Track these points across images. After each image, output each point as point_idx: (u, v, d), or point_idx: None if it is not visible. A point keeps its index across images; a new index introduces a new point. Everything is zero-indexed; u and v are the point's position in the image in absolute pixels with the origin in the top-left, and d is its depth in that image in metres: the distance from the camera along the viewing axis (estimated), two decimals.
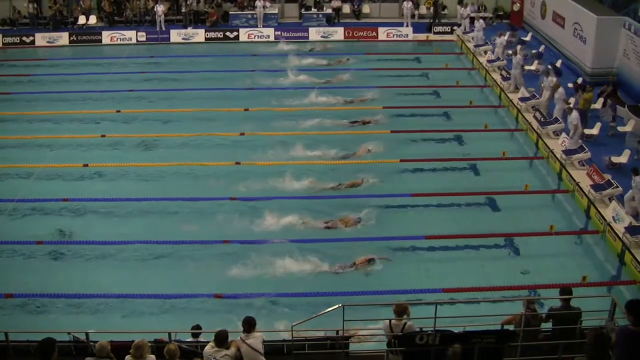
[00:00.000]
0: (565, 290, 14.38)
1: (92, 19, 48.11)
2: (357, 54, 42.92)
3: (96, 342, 13.01)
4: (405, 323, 13.33)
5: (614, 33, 34.68)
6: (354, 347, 14.50)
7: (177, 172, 27.98)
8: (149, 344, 12.81)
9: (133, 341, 12.52)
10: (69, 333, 14.98)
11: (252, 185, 26.47)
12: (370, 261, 21.78)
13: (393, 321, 13.42)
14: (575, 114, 27.94)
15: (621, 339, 10.59)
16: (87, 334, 14.45)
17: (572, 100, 31.53)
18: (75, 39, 46.19)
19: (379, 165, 28.15)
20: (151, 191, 26.49)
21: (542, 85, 32.53)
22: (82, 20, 47.85)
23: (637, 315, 10.62)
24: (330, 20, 48.30)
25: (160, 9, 46.52)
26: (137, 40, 45.98)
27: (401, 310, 13.47)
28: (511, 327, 13.97)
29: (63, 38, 46.23)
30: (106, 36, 46.10)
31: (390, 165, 28.25)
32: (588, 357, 9.75)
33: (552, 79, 31.77)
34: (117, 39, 46.05)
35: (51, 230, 24.01)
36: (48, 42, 46.07)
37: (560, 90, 30.57)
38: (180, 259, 22.43)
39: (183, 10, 47.85)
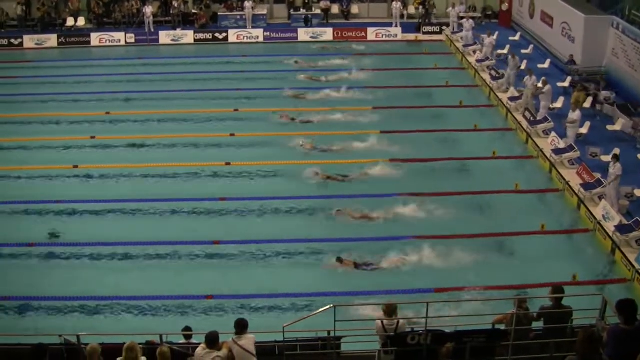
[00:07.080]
0: (557, 289, 14.35)
1: (81, 21, 47.85)
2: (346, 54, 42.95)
3: (87, 344, 12.91)
4: (397, 322, 13.30)
5: (602, 32, 34.79)
6: (345, 347, 14.46)
7: (164, 173, 28.13)
8: (140, 346, 12.71)
9: (124, 343, 12.42)
10: (60, 336, 14.86)
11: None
12: None
13: (385, 321, 13.39)
14: (578, 112, 28.08)
15: (612, 338, 10.59)
16: (78, 336, 14.30)
17: (561, 99, 31.66)
18: (63, 40, 45.98)
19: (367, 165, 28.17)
20: (139, 192, 26.64)
21: (525, 84, 32.75)
22: (70, 22, 47.67)
23: (627, 315, 10.62)
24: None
25: (149, 10, 46.42)
26: (126, 42, 45.83)
27: (391, 310, 13.43)
28: (502, 327, 13.97)
29: (51, 40, 45.96)
30: (95, 38, 45.92)
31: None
32: (579, 356, 9.73)
33: (533, 79, 31.96)
34: (106, 40, 45.89)
35: (42, 233, 23.91)
36: (36, 44, 45.81)
37: (547, 88, 30.61)
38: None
39: (172, 12, 47.74)
